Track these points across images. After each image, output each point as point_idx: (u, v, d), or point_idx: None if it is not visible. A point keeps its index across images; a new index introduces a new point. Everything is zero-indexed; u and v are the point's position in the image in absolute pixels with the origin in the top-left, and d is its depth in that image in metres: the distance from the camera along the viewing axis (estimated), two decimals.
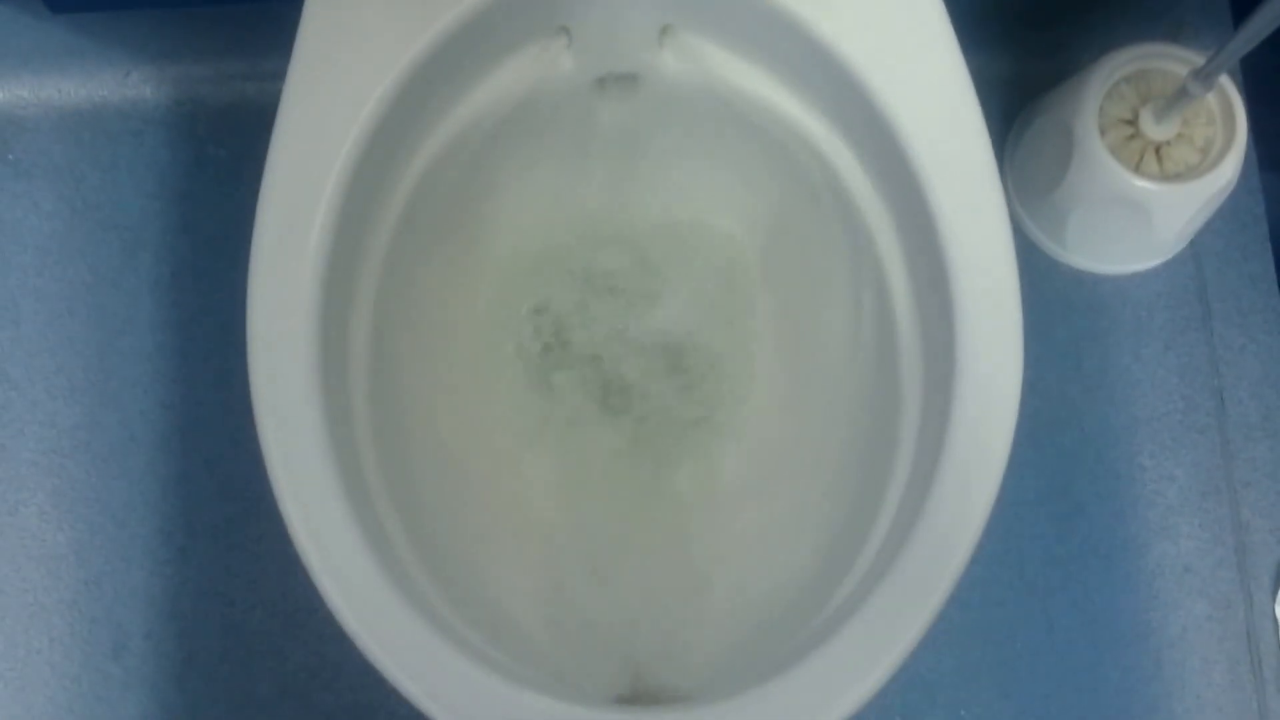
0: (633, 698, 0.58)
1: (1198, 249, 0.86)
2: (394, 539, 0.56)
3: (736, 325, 0.73)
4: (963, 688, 0.79)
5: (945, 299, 0.54)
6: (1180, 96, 0.72)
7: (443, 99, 0.60)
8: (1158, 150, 0.75)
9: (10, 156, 0.85)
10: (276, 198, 0.54)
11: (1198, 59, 0.74)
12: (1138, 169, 0.75)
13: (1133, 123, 0.76)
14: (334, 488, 0.52)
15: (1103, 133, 0.75)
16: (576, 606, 0.65)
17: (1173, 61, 0.76)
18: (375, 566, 0.51)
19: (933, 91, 0.56)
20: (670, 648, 0.62)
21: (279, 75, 0.55)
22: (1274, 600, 0.81)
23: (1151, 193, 0.74)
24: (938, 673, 0.79)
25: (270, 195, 0.54)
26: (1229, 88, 0.74)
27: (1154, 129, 0.75)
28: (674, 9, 0.60)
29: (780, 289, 0.73)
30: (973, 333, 0.54)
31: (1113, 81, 0.76)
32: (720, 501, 0.70)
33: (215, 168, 0.85)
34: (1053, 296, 0.85)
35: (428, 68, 0.56)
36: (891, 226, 0.60)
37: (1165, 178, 0.75)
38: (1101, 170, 0.75)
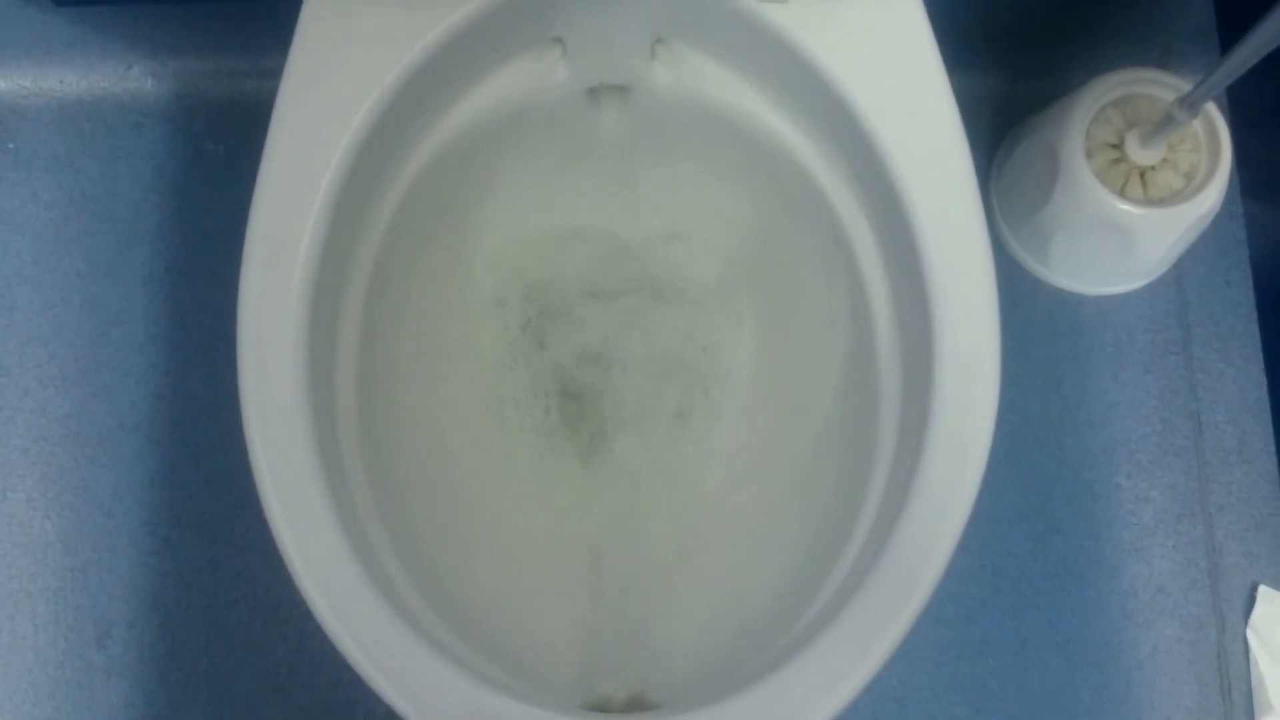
0: (604, 705, 0.58)
1: (1180, 273, 0.86)
2: (375, 539, 0.56)
3: (720, 333, 0.74)
4: (935, 703, 0.80)
5: (924, 313, 0.55)
6: (1166, 122, 0.72)
7: (437, 104, 0.61)
8: (1142, 175, 0.76)
9: (10, 145, 0.86)
10: (269, 198, 0.55)
11: (1184, 85, 0.74)
12: (1122, 193, 0.75)
13: (1118, 147, 0.76)
14: (317, 487, 0.52)
15: (1088, 156, 0.76)
16: (551, 613, 0.66)
17: (1159, 87, 0.76)
18: (356, 567, 0.51)
19: (916, 109, 0.56)
20: (642, 657, 0.63)
21: (278, 73, 0.56)
22: (1245, 623, 0.81)
23: (1135, 216, 0.75)
24: (910, 687, 0.80)
25: (263, 195, 0.55)
26: (1214, 115, 0.75)
27: (1139, 154, 0.75)
28: (666, 22, 0.61)
29: (764, 298, 0.73)
30: (951, 346, 0.54)
31: (1100, 105, 0.77)
32: (697, 511, 0.71)
33: (213, 163, 0.86)
34: (1035, 316, 0.85)
35: (423, 73, 0.57)
36: (872, 240, 0.61)
37: (1149, 202, 0.75)
38: (1086, 193, 0.75)
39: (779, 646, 0.54)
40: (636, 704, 0.58)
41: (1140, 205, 0.75)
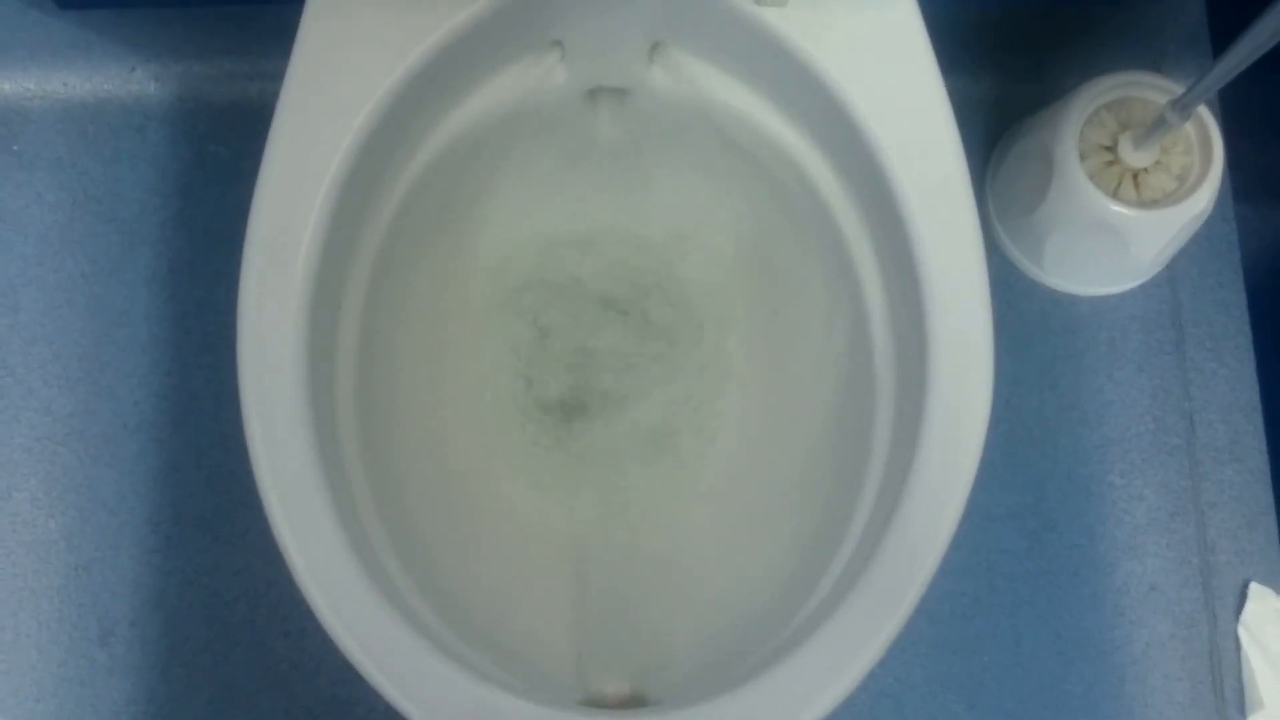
0: (602, 701, 0.58)
1: (1172, 274, 0.87)
2: (374, 537, 0.57)
3: (717, 333, 0.74)
4: (930, 699, 0.80)
5: (919, 313, 0.56)
6: (1159, 125, 0.73)
7: (438, 106, 0.61)
8: (1135, 177, 0.77)
9: (15, 147, 0.86)
10: (270, 199, 0.55)
11: (1177, 88, 0.75)
12: (1115, 195, 0.76)
13: (1112, 149, 0.77)
14: (317, 486, 0.53)
15: (1082, 158, 0.76)
16: (549, 610, 0.66)
17: (1153, 90, 0.77)
18: (355, 565, 0.52)
19: (911, 112, 0.57)
20: (641, 654, 0.63)
21: (279, 76, 0.56)
22: (1237, 620, 0.82)
23: (1128, 218, 0.75)
24: (906, 684, 0.80)
25: (264, 197, 0.55)
26: (1207, 118, 0.76)
27: (1132, 156, 0.76)
28: (664, 26, 0.61)
29: (760, 299, 0.74)
30: (945, 346, 0.55)
31: (1093, 108, 0.77)
32: (695, 509, 0.71)
33: (215, 165, 0.86)
34: (1030, 316, 0.86)
35: (424, 75, 0.57)
36: (868, 241, 0.61)
37: (1142, 204, 0.76)
38: (1080, 195, 0.76)
39: (775, 643, 0.55)
40: (635, 700, 0.58)
41: (1133, 207, 0.75)
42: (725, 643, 0.61)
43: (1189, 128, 0.76)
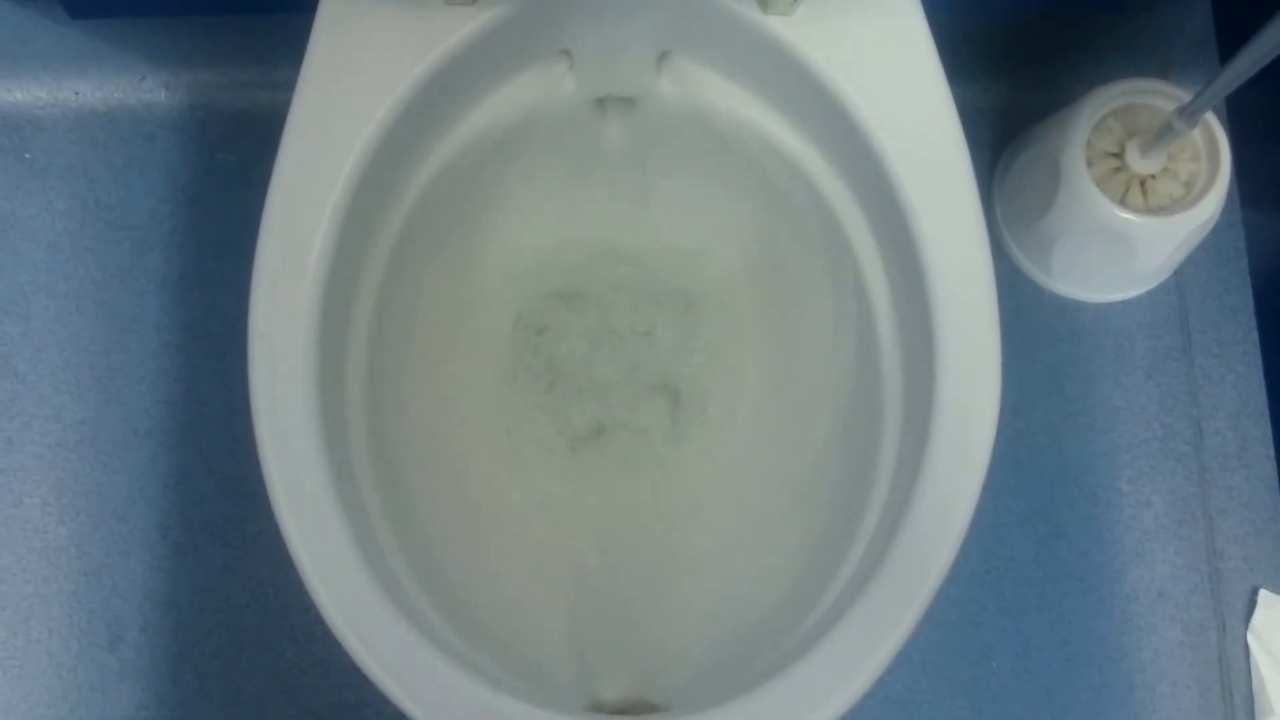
0: (609, 707, 0.58)
1: (1180, 280, 0.87)
2: (384, 542, 0.57)
3: (723, 341, 0.75)
4: (937, 706, 0.80)
5: (926, 320, 0.56)
6: (1166, 132, 0.73)
7: (447, 115, 0.62)
8: (1143, 183, 0.77)
9: (27, 155, 0.87)
10: (281, 207, 0.55)
11: (1184, 95, 0.75)
12: (1123, 201, 0.76)
13: (1119, 156, 0.77)
14: (327, 491, 0.53)
15: (1089, 165, 0.76)
16: (557, 615, 0.66)
17: (1159, 97, 0.77)
18: (364, 570, 0.52)
19: (918, 120, 0.57)
20: (648, 659, 0.63)
21: (289, 85, 0.57)
22: (1246, 627, 0.82)
23: (1135, 225, 0.75)
24: (913, 690, 0.80)
25: (275, 204, 0.55)
26: (1214, 125, 0.76)
27: (1140, 163, 0.76)
28: (671, 36, 0.61)
29: (768, 306, 0.74)
30: (952, 354, 0.55)
31: (1100, 115, 0.77)
32: (701, 516, 0.71)
33: (224, 172, 0.87)
34: (1037, 323, 0.86)
35: (434, 85, 0.58)
36: (875, 249, 0.61)
37: (1149, 211, 0.76)
38: (1087, 202, 0.76)
39: (783, 648, 0.55)
40: (641, 705, 0.58)
41: (1140, 214, 0.76)
42: (732, 648, 0.61)
43: (1196, 134, 0.76)
